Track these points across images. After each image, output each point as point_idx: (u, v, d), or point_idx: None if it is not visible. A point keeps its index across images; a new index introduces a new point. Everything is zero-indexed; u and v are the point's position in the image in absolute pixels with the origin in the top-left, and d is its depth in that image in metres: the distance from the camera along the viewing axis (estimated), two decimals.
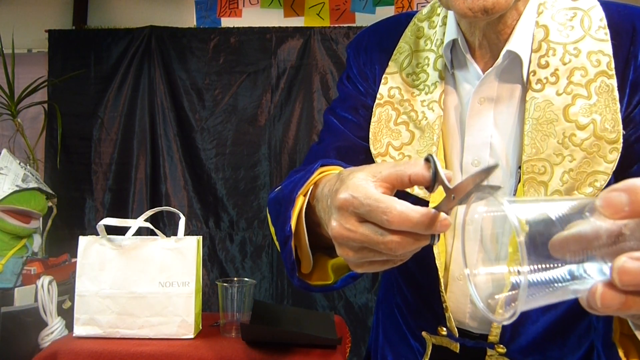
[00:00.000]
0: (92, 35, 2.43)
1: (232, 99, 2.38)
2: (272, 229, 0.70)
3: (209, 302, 2.21)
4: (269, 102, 2.37)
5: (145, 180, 2.36)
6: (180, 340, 1.15)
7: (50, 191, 1.95)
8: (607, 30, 0.66)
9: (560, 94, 0.66)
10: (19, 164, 1.85)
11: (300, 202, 0.61)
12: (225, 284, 1.19)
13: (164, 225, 2.32)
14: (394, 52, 0.78)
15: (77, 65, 2.38)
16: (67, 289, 1.52)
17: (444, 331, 0.76)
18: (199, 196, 2.36)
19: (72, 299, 1.37)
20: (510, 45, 0.68)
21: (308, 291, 0.68)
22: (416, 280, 0.79)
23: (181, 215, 1.29)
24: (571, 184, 0.66)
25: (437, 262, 0.73)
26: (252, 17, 2.49)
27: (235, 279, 1.23)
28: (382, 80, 0.77)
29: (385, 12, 2.49)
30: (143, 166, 2.36)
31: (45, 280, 1.39)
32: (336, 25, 2.42)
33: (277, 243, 0.67)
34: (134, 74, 2.40)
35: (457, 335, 0.75)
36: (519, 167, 0.68)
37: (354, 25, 2.45)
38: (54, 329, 1.36)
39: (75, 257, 1.24)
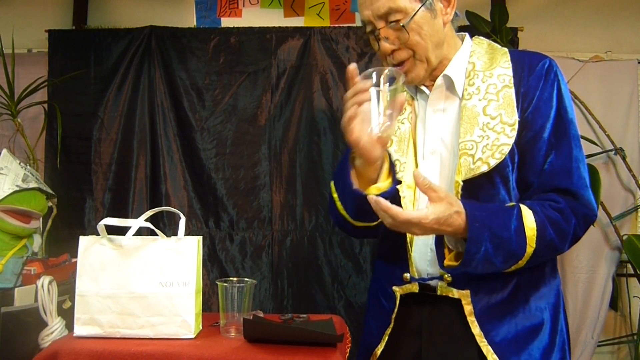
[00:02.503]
0: (92, 35, 2.43)
1: (232, 99, 2.38)
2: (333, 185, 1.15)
3: (209, 302, 2.21)
4: (269, 102, 2.37)
5: (145, 180, 2.36)
6: (181, 340, 1.15)
7: (51, 191, 1.95)
8: (510, 63, 1.07)
9: (481, 100, 1.04)
10: (19, 164, 1.85)
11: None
12: (225, 284, 1.19)
13: (164, 225, 2.32)
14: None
15: (77, 65, 2.38)
16: (67, 289, 1.52)
17: (407, 278, 1.08)
18: (199, 196, 2.36)
19: (72, 299, 1.37)
20: (446, 71, 1.09)
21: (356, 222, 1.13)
22: (392, 238, 1.10)
23: (181, 215, 1.29)
24: (488, 153, 1.00)
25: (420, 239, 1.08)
26: (252, 17, 2.49)
27: (235, 279, 1.23)
28: None
29: None
30: (143, 166, 2.36)
31: (45, 280, 1.39)
32: (336, 25, 2.42)
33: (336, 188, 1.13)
34: (134, 74, 2.39)
35: (417, 277, 1.08)
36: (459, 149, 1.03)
37: (354, 25, 2.45)
38: (54, 329, 1.35)
39: (76, 257, 1.25)
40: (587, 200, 1.00)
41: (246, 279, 1.22)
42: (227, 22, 2.50)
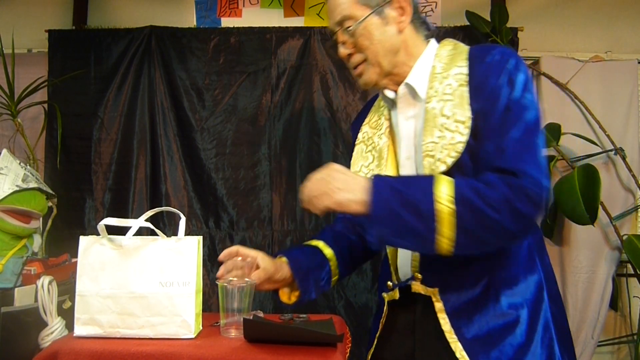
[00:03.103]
0: (92, 35, 2.43)
1: (232, 99, 2.38)
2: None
3: (209, 302, 2.21)
4: (269, 102, 2.37)
5: (145, 180, 2.36)
6: (181, 340, 1.15)
7: (51, 191, 1.94)
8: (467, 61, 1.07)
9: (439, 101, 1.06)
10: (19, 164, 1.85)
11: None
12: (225, 284, 1.19)
13: (164, 225, 2.32)
14: (368, 114, 1.29)
15: (77, 65, 2.38)
16: (67, 289, 1.52)
17: (390, 285, 1.16)
18: (199, 196, 2.36)
19: (72, 299, 1.37)
20: (407, 80, 1.12)
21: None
22: (384, 248, 1.19)
23: (181, 215, 1.29)
24: (445, 153, 1.02)
25: None
26: (252, 17, 2.49)
27: (236, 279, 1.22)
28: (360, 129, 1.28)
29: None
30: (143, 166, 2.36)
31: (45, 280, 1.39)
32: None
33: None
34: (134, 74, 2.39)
35: (397, 282, 1.15)
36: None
37: None
38: (54, 329, 1.35)
39: (76, 257, 1.24)
40: (529, 174, 0.94)
41: (246, 279, 1.22)
42: (227, 22, 2.50)
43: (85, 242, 1.21)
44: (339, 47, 1.15)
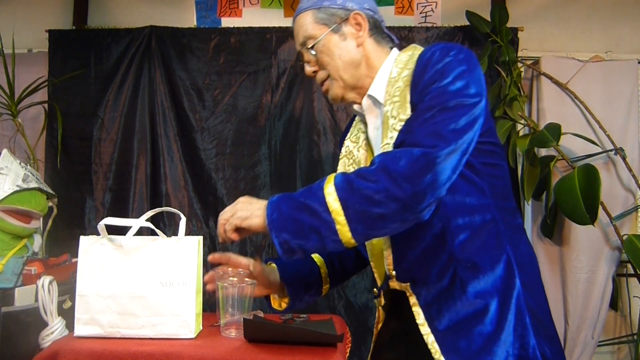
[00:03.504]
0: (92, 35, 2.43)
1: (232, 99, 2.38)
2: None
3: (209, 302, 2.20)
4: (269, 102, 2.37)
5: (146, 180, 2.36)
6: (181, 340, 1.15)
7: (51, 191, 1.95)
8: (415, 63, 1.07)
9: (390, 104, 1.09)
10: (20, 164, 1.85)
11: None
12: (225, 284, 1.19)
13: (164, 225, 2.32)
14: (350, 129, 1.32)
15: (77, 65, 2.38)
16: (67, 289, 1.52)
17: (375, 292, 1.19)
18: (199, 196, 2.36)
19: (72, 299, 1.37)
20: (369, 91, 1.16)
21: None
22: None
23: (182, 215, 1.29)
24: None
25: (368, 245, 1.19)
26: (252, 17, 2.49)
27: (236, 279, 1.22)
28: (343, 144, 1.30)
29: (385, 11, 2.49)
30: (143, 166, 2.36)
31: (45, 280, 1.39)
32: None
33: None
34: (134, 74, 2.40)
35: (379, 285, 1.18)
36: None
37: None
38: (55, 329, 1.36)
39: (76, 257, 1.25)
40: (418, 143, 0.96)
41: (246, 279, 1.22)
42: (227, 22, 2.50)
43: (85, 242, 1.21)
44: (305, 66, 1.22)
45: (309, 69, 1.21)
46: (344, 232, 0.96)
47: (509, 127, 2.27)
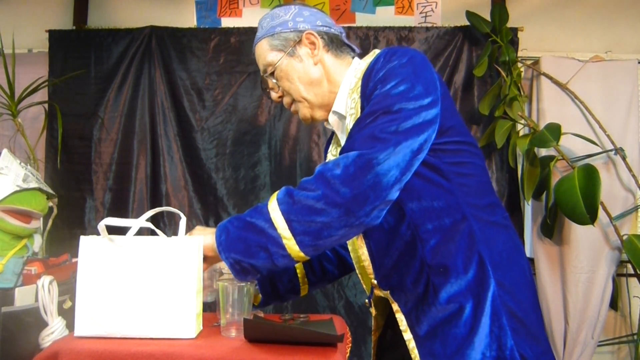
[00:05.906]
0: (92, 35, 2.43)
1: (233, 99, 2.38)
2: None
3: (209, 302, 2.21)
4: (269, 102, 2.38)
5: (146, 180, 2.36)
6: (181, 340, 1.15)
7: (51, 191, 1.94)
8: (364, 72, 1.07)
9: (349, 116, 1.09)
10: (20, 163, 1.85)
11: None
12: (225, 284, 1.19)
13: (164, 225, 2.32)
14: (331, 142, 1.31)
15: (78, 65, 2.39)
16: (67, 289, 1.52)
17: (367, 303, 1.21)
18: (199, 196, 2.36)
19: (72, 299, 1.37)
20: (333, 107, 1.17)
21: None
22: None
23: (182, 215, 1.29)
24: None
25: (352, 254, 1.20)
26: (252, 17, 2.49)
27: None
28: (326, 157, 1.31)
29: (385, 12, 2.50)
30: (143, 166, 2.36)
31: (45, 280, 1.39)
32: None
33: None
34: (134, 74, 2.40)
35: (368, 294, 1.20)
36: None
37: (354, 25, 2.45)
38: (55, 329, 1.35)
39: (76, 257, 1.24)
40: (355, 149, 0.95)
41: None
42: (227, 22, 2.50)
43: (85, 242, 1.21)
44: (270, 93, 1.24)
45: (274, 95, 1.23)
46: (291, 246, 0.96)
47: (509, 127, 2.27)
